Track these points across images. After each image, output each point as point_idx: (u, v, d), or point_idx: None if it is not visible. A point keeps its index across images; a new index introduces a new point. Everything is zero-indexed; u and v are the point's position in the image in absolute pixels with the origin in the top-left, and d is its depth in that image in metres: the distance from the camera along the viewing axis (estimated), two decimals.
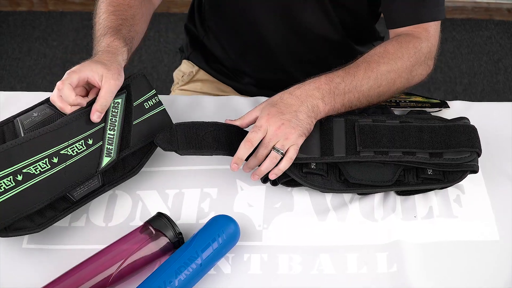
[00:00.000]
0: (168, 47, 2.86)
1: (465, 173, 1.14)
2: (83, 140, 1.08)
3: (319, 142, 1.16)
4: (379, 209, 1.14)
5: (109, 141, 1.10)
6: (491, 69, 2.78)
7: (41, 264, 1.07)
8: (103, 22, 1.22)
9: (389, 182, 1.14)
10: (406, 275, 1.05)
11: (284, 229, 1.12)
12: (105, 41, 1.17)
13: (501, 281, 1.05)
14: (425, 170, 1.14)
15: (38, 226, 1.06)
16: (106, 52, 1.15)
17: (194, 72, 1.66)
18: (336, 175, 1.15)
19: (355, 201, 1.16)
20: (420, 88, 2.66)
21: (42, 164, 1.04)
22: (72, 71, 1.10)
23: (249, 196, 1.17)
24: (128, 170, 1.16)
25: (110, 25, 1.21)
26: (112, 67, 1.11)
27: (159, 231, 1.04)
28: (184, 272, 0.99)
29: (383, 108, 1.26)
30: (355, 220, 1.13)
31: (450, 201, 1.16)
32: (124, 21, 1.24)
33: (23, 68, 2.80)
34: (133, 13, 1.27)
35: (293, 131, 1.12)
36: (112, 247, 1.04)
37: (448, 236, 1.11)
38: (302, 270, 1.07)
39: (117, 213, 1.15)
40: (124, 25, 1.23)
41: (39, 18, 3.02)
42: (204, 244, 1.02)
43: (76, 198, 1.09)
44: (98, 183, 1.12)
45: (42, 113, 1.12)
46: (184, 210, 1.15)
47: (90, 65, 1.11)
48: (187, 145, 1.13)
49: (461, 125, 1.17)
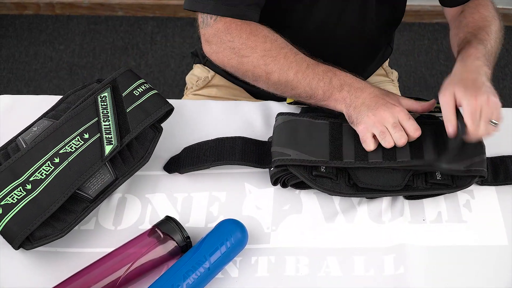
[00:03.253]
0: (175, 52, 2.86)
1: (473, 178, 1.14)
2: (79, 136, 1.11)
3: (329, 146, 1.16)
4: (387, 212, 1.15)
5: (107, 131, 1.12)
6: (497, 74, 2.77)
7: (50, 266, 1.07)
8: (318, 72, 1.22)
9: (398, 187, 1.13)
10: (412, 277, 1.05)
11: (293, 231, 1.12)
12: (344, 81, 1.22)
13: (508, 286, 1.05)
14: (433, 174, 1.14)
15: (61, 231, 1.06)
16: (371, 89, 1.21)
17: (209, 77, 1.64)
18: (345, 179, 1.15)
19: (363, 204, 1.16)
20: (426, 92, 2.66)
21: (46, 167, 1.07)
22: None
23: (257, 199, 1.17)
24: (137, 160, 1.16)
25: (326, 68, 1.23)
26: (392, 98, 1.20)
27: (167, 235, 1.04)
28: (192, 276, 0.99)
29: None
30: (363, 223, 1.13)
31: (459, 205, 1.16)
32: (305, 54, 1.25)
33: (29, 71, 2.80)
34: (282, 41, 1.26)
35: (497, 99, 1.13)
36: (120, 250, 1.04)
37: (457, 240, 1.11)
38: (309, 272, 1.07)
39: (127, 216, 1.15)
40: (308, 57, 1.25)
41: (46, 22, 3.02)
42: (212, 248, 1.02)
43: (92, 195, 1.10)
44: (111, 177, 1.12)
45: (41, 126, 1.16)
46: (193, 214, 1.15)
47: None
48: (187, 164, 1.19)
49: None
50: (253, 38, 1.23)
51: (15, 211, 1.04)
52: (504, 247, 1.10)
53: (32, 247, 1.04)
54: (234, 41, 1.24)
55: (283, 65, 1.21)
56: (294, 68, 1.21)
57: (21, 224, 1.03)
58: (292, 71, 1.21)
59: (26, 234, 1.03)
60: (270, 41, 1.23)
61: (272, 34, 1.25)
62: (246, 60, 1.24)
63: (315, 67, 1.21)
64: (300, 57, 1.22)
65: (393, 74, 1.72)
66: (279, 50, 1.22)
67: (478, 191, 1.18)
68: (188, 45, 2.81)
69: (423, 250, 1.09)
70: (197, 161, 1.19)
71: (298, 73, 1.20)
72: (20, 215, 1.04)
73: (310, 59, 1.23)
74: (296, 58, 1.22)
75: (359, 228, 1.13)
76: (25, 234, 1.03)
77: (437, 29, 2.93)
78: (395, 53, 2.86)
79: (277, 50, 1.22)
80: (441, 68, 2.80)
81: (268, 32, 1.25)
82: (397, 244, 1.10)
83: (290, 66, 1.21)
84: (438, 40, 2.88)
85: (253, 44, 1.23)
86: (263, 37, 1.24)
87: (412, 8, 2.93)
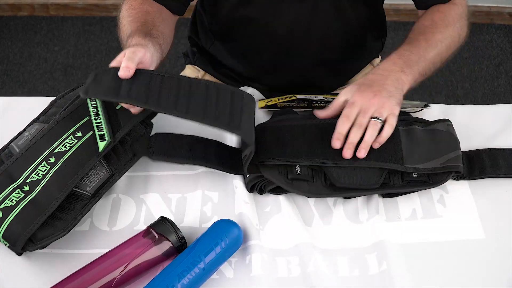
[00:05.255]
0: (170, 52, 2.86)
1: (449, 174, 1.15)
2: (72, 135, 1.12)
3: (305, 146, 1.17)
4: (364, 211, 1.15)
5: (99, 128, 1.13)
6: (492, 73, 2.78)
7: (45, 268, 1.07)
8: (125, 31, 1.27)
9: (375, 185, 1.14)
10: (396, 273, 1.05)
11: (278, 232, 1.12)
12: (127, 44, 1.21)
13: (487, 278, 1.06)
14: (410, 172, 1.15)
15: (63, 230, 1.06)
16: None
17: (200, 77, 1.66)
18: (321, 180, 1.15)
19: (339, 205, 1.16)
20: (421, 92, 2.67)
21: (42, 167, 1.08)
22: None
23: (243, 193, 1.16)
24: (131, 155, 1.17)
25: (129, 31, 1.26)
26: (131, 47, 1.15)
27: (162, 236, 1.04)
28: (187, 276, 0.99)
29: None
30: (341, 224, 1.14)
31: (434, 201, 1.17)
32: (143, 23, 1.28)
33: (24, 73, 2.80)
34: (152, 17, 1.31)
35: (387, 100, 1.16)
36: (115, 251, 1.04)
37: (434, 236, 1.12)
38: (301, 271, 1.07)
39: (121, 217, 1.15)
40: (144, 25, 1.27)
41: (40, 23, 3.02)
42: (207, 248, 1.02)
43: (90, 192, 1.10)
44: (107, 173, 1.13)
45: (32, 130, 1.17)
46: (187, 214, 1.15)
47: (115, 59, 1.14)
48: (160, 151, 1.19)
49: (442, 132, 1.19)
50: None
51: (15, 213, 1.04)
52: (481, 241, 1.11)
53: (35, 248, 1.04)
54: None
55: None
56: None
57: (23, 225, 1.03)
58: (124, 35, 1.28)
59: (28, 235, 1.03)
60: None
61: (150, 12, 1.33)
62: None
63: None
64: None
65: None
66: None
67: (451, 186, 1.19)
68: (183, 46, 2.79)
69: (401, 248, 1.09)
70: (172, 153, 1.19)
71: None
72: (21, 216, 1.04)
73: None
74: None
75: (337, 228, 1.13)
76: (27, 235, 1.03)
77: None
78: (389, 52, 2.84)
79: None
80: None
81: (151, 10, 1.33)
82: (377, 241, 1.10)
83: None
84: None
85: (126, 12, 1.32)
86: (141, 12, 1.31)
87: (407, 7, 2.94)
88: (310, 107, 1.29)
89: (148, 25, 1.28)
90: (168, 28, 1.36)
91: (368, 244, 1.10)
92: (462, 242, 1.11)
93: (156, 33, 1.27)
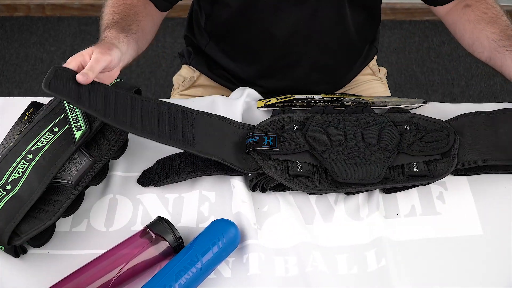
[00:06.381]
0: (166, 52, 2.86)
1: (450, 168, 1.16)
2: (48, 131, 1.13)
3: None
4: (364, 207, 1.15)
5: (75, 120, 1.13)
6: (488, 71, 2.78)
7: (42, 269, 1.07)
8: (105, 21, 1.28)
9: (377, 180, 1.14)
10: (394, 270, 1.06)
11: (275, 232, 1.12)
12: (103, 35, 1.22)
13: (486, 274, 1.06)
14: (410, 166, 1.15)
15: (48, 219, 1.05)
16: (99, 42, 1.19)
17: (195, 77, 1.65)
18: (323, 176, 1.15)
19: (340, 202, 1.16)
20: (417, 90, 2.67)
21: (21, 165, 1.09)
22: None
23: (241, 192, 1.16)
24: (113, 142, 1.17)
25: (109, 22, 1.26)
26: (101, 45, 1.15)
27: (159, 236, 1.04)
28: (184, 276, 0.99)
29: (363, 107, 1.27)
30: (342, 221, 1.14)
31: (433, 198, 1.17)
32: (125, 17, 1.28)
33: (20, 73, 2.80)
34: (135, 11, 1.31)
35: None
36: (112, 252, 1.04)
37: (432, 233, 1.12)
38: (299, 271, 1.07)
39: (118, 217, 1.15)
40: (124, 19, 1.27)
41: (36, 24, 3.02)
42: (204, 248, 1.02)
43: (72, 180, 1.10)
44: (89, 161, 1.13)
45: (11, 133, 1.18)
46: (184, 214, 1.15)
47: (81, 52, 1.14)
48: (162, 178, 1.19)
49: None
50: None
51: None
52: (479, 237, 1.11)
53: (22, 241, 1.03)
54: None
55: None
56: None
57: (5, 219, 1.03)
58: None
59: (11, 227, 1.02)
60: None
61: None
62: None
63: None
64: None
65: (381, 71, 1.73)
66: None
67: (451, 182, 1.19)
68: (179, 45, 2.81)
69: (400, 244, 1.10)
70: (171, 174, 1.19)
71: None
72: (4, 212, 1.03)
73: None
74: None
75: (338, 226, 1.13)
76: (10, 228, 1.02)
77: (428, 27, 2.93)
78: (386, 51, 2.86)
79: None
80: (432, 65, 2.80)
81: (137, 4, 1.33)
82: (376, 238, 1.10)
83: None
84: (428, 38, 2.89)
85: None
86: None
87: (403, 6, 2.95)
88: (309, 106, 1.29)
89: (128, 20, 1.28)
90: (150, 23, 1.37)
91: (367, 241, 1.10)
92: (460, 238, 1.11)
93: (136, 29, 1.28)
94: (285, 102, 1.31)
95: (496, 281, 1.05)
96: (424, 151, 1.17)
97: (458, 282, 1.05)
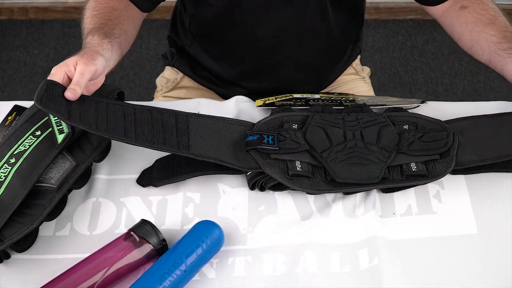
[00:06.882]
0: (150, 54, 2.86)
1: (449, 168, 1.15)
2: (31, 135, 1.12)
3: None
4: (361, 206, 1.15)
5: (57, 124, 1.13)
6: (472, 69, 2.79)
7: (26, 274, 1.07)
8: (87, 25, 1.26)
9: (376, 180, 1.14)
10: (386, 269, 1.06)
11: (269, 231, 1.12)
12: (86, 41, 1.21)
13: (481, 274, 1.07)
14: (409, 166, 1.15)
15: (32, 223, 1.05)
16: (83, 49, 1.18)
17: (178, 79, 1.65)
18: (322, 176, 1.15)
19: (338, 201, 1.16)
20: (401, 89, 2.68)
21: (3, 170, 1.08)
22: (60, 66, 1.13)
23: (232, 199, 1.17)
24: (96, 145, 1.16)
25: (91, 26, 1.25)
26: (85, 54, 1.14)
27: (143, 238, 1.04)
28: (168, 279, 0.99)
29: (362, 106, 1.27)
30: (338, 219, 1.14)
31: (429, 197, 1.17)
32: (107, 21, 1.27)
33: (3, 77, 2.78)
34: (117, 15, 1.30)
35: None
36: (96, 255, 1.04)
37: (427, 232, 1.12)
38: (286, 270, 1.07)
39: (102, 221, 1.14)
40: (107, 24, 1.26)
41: (20, 27, 3.00)
42: (188, 250, 1.02)
43: (55, 184, 1.09)
44: (72, 164, 1.12)
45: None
46: (168, 216, 1.15)
47: (65, 61, 1.13)
48: (161, 177, 1.19)
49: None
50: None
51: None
52: (473, 236, 1.11)
53: (5, 246, 1.02)
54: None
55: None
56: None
57: None
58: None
59: None
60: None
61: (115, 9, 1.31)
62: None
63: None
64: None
65: (364, 71, 1.73)
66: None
67: (448, 181, 1.19)
68: (163, 47, 2.80)
69: (395, 244, 1.10)
70: (171, 174, 1.18)
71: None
72: None
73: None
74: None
75: (333, 224, 1.13)
76: None
77: (411, 26, 2.94)
78: (369, 50, 2.87)
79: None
80: (415, 64, 2.81)
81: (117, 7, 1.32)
82: (370, 236, 1.10)
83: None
84: (412, 36, 2.90)
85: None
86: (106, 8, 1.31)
87: (386, 5, 2.95)
88: (308, 105, 1.29)
89: (111, 24, 1.27)
90: (132, 25, 1.36)
91: (360, 240, 1.10)
92: (454, 237, 1.11)
93: (119, 33, 1.27)
94: (283, 101, 1.31)
95: (491, 280, 1.06)
96: (422, 151, 1.17)
97: (453, 281, 1.06)
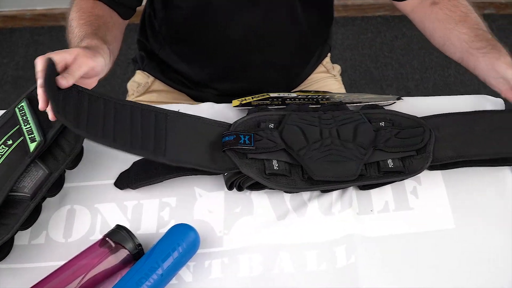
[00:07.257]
0: (120, 59, 2.82)
1: (426, 164, 1.16)
2: (2, 144, 1.12)
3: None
4: (337, 204, 1.16)
5: (29, 132, 1.12)
6: (442, 63, 2.82)
7: (2, 284, 1.06)
8: (78, 33, 1.24)
9: (353, 177, 1.15)
10: (364, 266, 1.06)
11: (245, 232, 1.12)
12: (84, 43, 1.19)
13: (457, 268, 1.07)
14: (386, 162, 1.16)
15: (7, 233, 1.05)
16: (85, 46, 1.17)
17: (149, 83, 1.65)
18: (299, 174, 1.16)
19: (314, 200, 1.17)
20: (371, 85, 2.69)
21: None
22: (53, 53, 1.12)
23: (208, 202, 1.17)
24: (68, 152, 1.15)
25: (84, 33, 1.23)
26: (88, 50, 1.13)
27: (118, 244, 1.04)
28: (145, 284, 0.99)
29: (338, 104, 1.28)
30: (314, 217, 1.14)
31: (406, 193, 1.18)
32: (98, 27, 1.25)
33: None
34: (104, 21, 1.29)
35: None
36: (71, 263, 1.03)
37: (404, 228, 1.12)
38: (263, 270, 1.07)
39: (77, 228, 1.14)
40: (99, 30, 1.25)
41: None
42: (164, 254, 1.02)
43: (28, 193, 1.09)
44: (45, 172, 1.11)
45: None
46: (144, 221, 1.15)
47: (67, 49, 1.12)
48: (138, 179, 1.18)
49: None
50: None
51: None
52: (450, 230, 1.12)
53: None
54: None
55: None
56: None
57: None
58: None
59: None
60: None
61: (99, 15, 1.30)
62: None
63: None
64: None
65: (335, 69, 1.74)
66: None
67: (425, 177, 1.19)
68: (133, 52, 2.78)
69: (372, 241, 1.10)
70: (148, 176, 1.18)
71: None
72: None
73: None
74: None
75: (310, 222, 1.13)
76: None
77: (380, 22, 2.96)
78: (339, 48, 2.88)
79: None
80: (385, 60, 2.83)
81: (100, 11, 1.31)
82: (347, 234, 1.11)
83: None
84: (381, 33, 2.92)
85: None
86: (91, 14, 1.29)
87: (355, 2, 2.97)
88: (285, 104, 1.29)
89: (102, 30, 1.26)
90: (119, 32, 1.36)
91: (337, 237, 1.11)
92: (432, 233, 1.12)
93: (111, 40, 1.26)
94: (260, 101, 1.31)
95: (469, 274, 1.06)
96: (399, 148, 1.18)
97: (430, 276, 1.06)
